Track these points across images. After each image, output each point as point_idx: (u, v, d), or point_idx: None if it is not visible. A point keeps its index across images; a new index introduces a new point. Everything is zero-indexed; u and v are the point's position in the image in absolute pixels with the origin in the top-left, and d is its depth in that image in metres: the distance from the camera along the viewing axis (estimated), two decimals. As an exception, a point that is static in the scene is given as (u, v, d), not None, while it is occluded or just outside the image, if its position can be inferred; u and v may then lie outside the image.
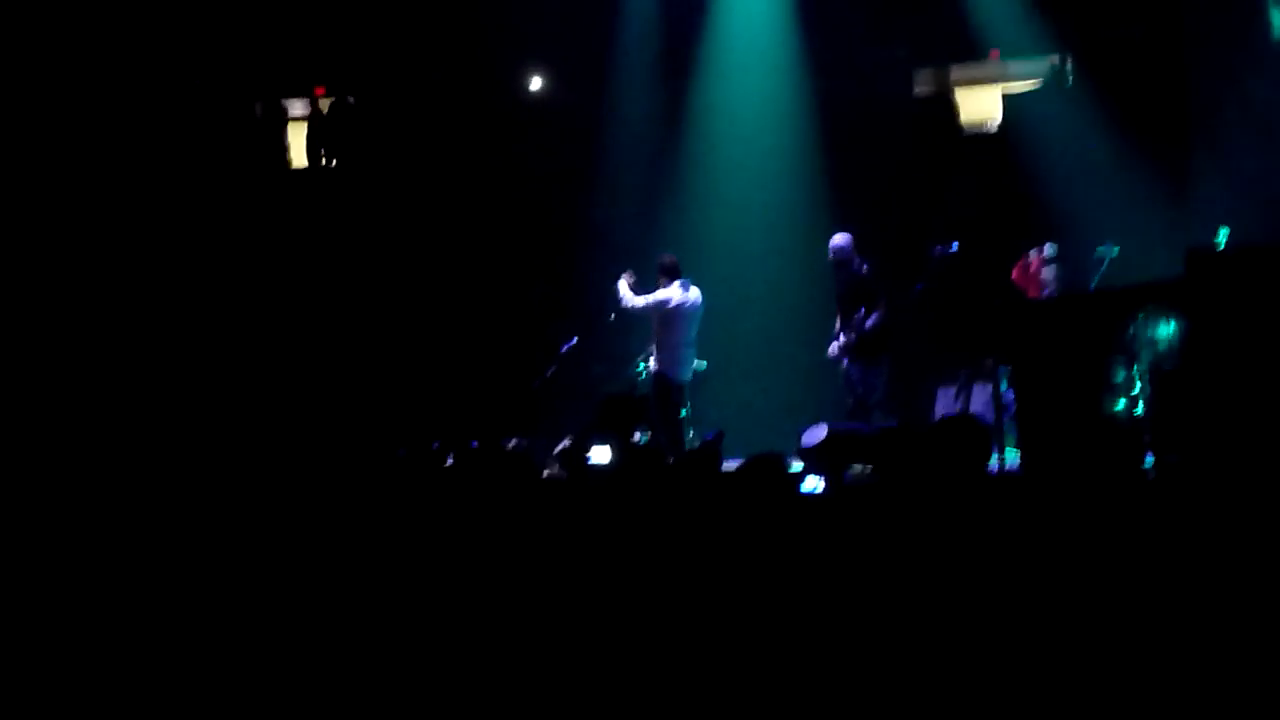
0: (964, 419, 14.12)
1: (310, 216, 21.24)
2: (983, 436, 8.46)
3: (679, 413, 15.83)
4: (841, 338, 15.06)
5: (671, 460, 12.44)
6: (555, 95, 22.09)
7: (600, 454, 12.04)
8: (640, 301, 15.86)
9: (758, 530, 5.73)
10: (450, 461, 11.24)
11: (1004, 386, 13.03)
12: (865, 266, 15.19)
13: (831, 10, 20.15)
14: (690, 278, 16.25)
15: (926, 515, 5.79)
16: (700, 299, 16.19)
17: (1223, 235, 14.55)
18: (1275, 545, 7.24)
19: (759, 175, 20.15)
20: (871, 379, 14.98)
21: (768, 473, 6.00)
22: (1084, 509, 5.31)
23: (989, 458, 13.05)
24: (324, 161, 22.34)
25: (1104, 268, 15.12)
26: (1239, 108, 17.04)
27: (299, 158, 22.34)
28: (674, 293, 15.76)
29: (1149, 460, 9.89)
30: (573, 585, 5.77)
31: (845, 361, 15.07)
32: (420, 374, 20.08)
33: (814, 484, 13.74)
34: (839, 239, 15.35)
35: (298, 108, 22.45)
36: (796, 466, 13.73)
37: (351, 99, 22.33)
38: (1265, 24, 16.95)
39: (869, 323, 14.82)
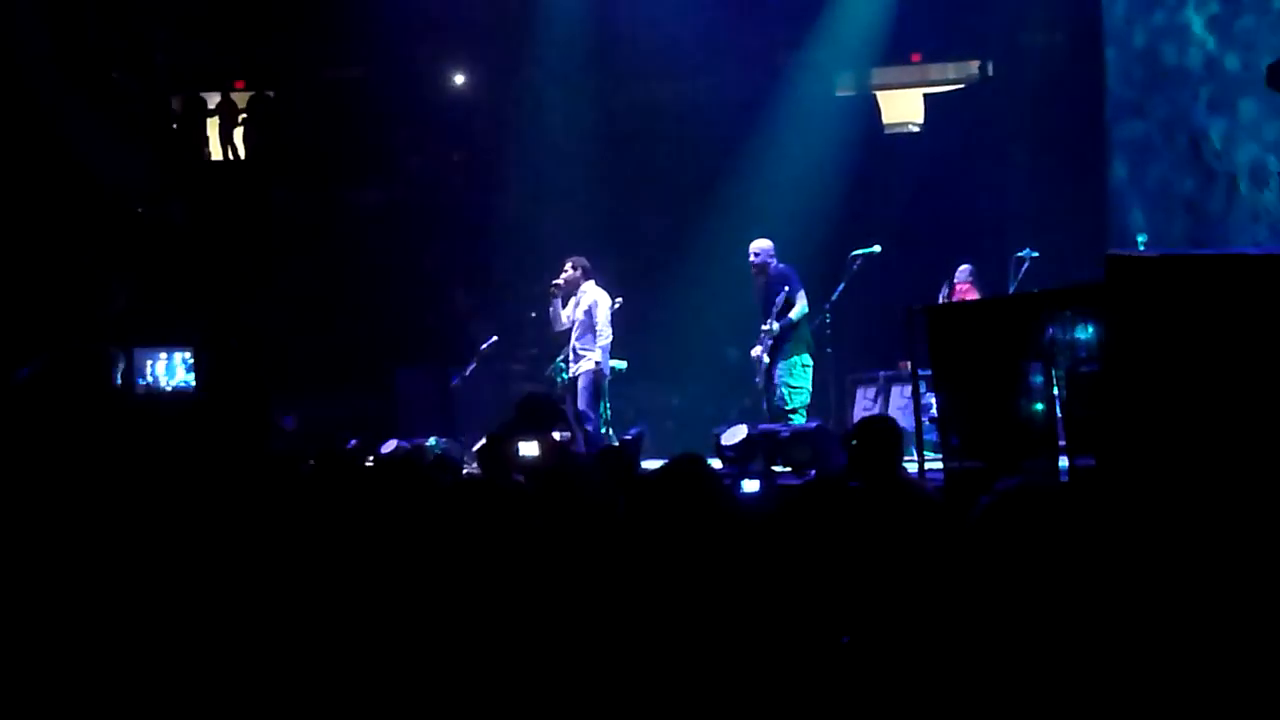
0: (880, 419, 14.20)
1: (227, 209, 21.14)
2: (897, 437, 8.48)
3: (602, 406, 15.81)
4: (765, 338, 15.04)
5: (590, 455, 12.45)
6: (473, 90, 22.06)
7: (525, 449, 11.99)
8: (604, 319, 15.74)
9: (687, 529, 5.68)
10: (370, 461, 11.19)
11: (923, 389, 13.05)
12: (783, 265, 15.17)
13: (754, 10, 20.17)
14: (607, 276, 16.21)
15: (847, 516, 5.77)
16: None
17: (1140, 241, 14.66)
18: (1187, 548, 7.28)
19: (680, 174, 20.16)
20: (791, 377, 14.94)
21: (692, 472, 5.96)
22: (1001, 510, 5.28)
23: (901, 458, 13.13)
24: (240, 155, 22.27)
25: (1023, 271, 15.20)
26: (1152, 116, 17.17)
27: (216, 150, 22.26)
28: (604, 293, 15.73)
29: (1064, 463, 9.92)
30: (492, 584, 5.72)
31: (766, 360, 15.03)
32: (336, 372, 19.99)
33: (752, 486, 13.76)
34: (759, 242, 15.33)
35: (215, 101, 22.37)
36: (716, 465, 13.72)
37: (270, 93, 22.26)
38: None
39: (791, 315, 14.80)
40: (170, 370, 18.56)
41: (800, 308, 14.90)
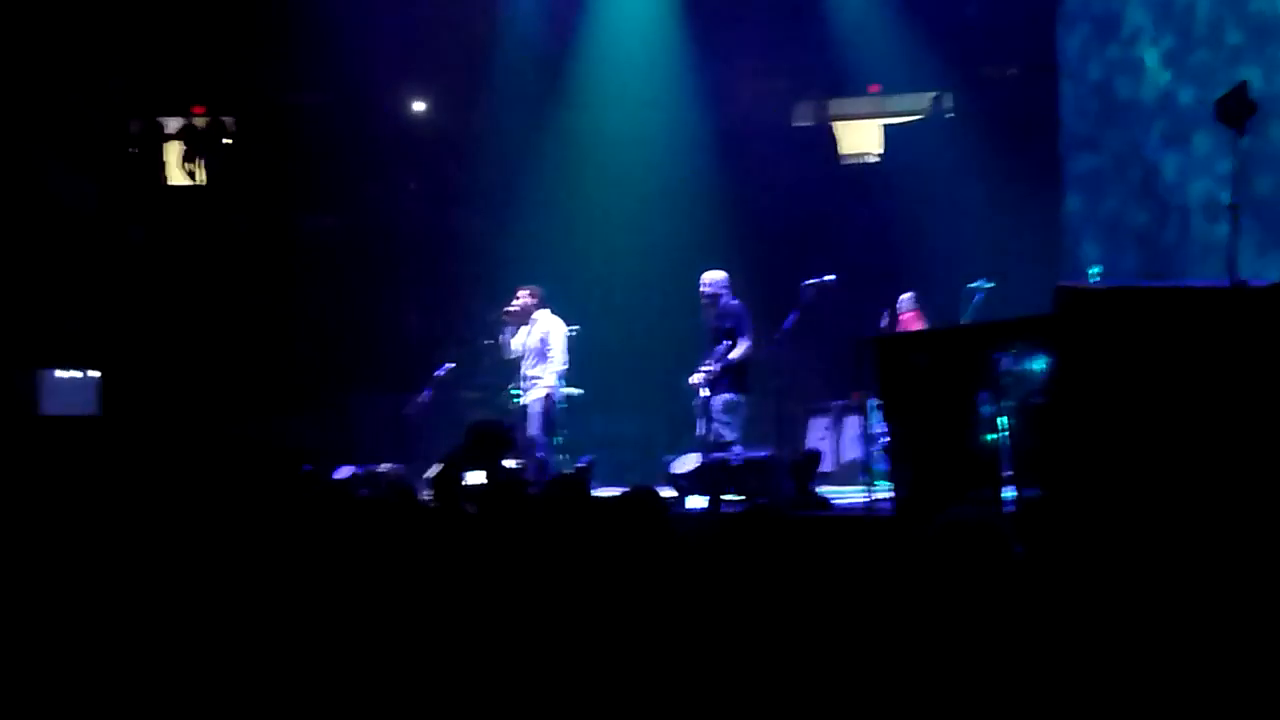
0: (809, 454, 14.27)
1: (185, 233, 21.11)
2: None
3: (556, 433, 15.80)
4: (705, 368, 14.98)
5: (540, 484, 12.44)
6: (431, 118, 22.07)
7: (475, 477, 12.01)
8: (559, 347, 15.72)
9: (635, 557, 5.70)
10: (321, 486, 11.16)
11: (874, 419, 13.08)
12: (735, 302, 15.12)
13: (713, 40, 20.23)
14: (562, 304, 16.19)
15: (785, 544, 5.79)
16: None
17: (1094, 273, 14.69)
18: (1134, 575, 7.31)
19: (636, 203, 20.18)
20: (727, 414, 14.84)
21: (644, 503, 5.98)
22: (948, 542, 5.31)
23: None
24: (199, 179, 22.22)
25: (975, 303, 15.23)
26: (1106, 150, 17.24)
27: (175, 175, 22.21)
28: (558, 320, 15.73)
29: (1011, 494, 9.95)
30: (448, 611, 5.73)
31: (705, 392, 14.91)
32: (291, 397, 19.96)
33: (700, 502, 13.78)
34: (712, 274, 15.25)
35: (174, 125, 22.31)
36: (669, 493, 13.74)
37: (228, 119, 22.22)
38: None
39: (732, 355, 14.74)
40: (76, 393, 18.49)
41: (743, 349, 14.78)
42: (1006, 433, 10.19)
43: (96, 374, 18.33)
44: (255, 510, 7.41)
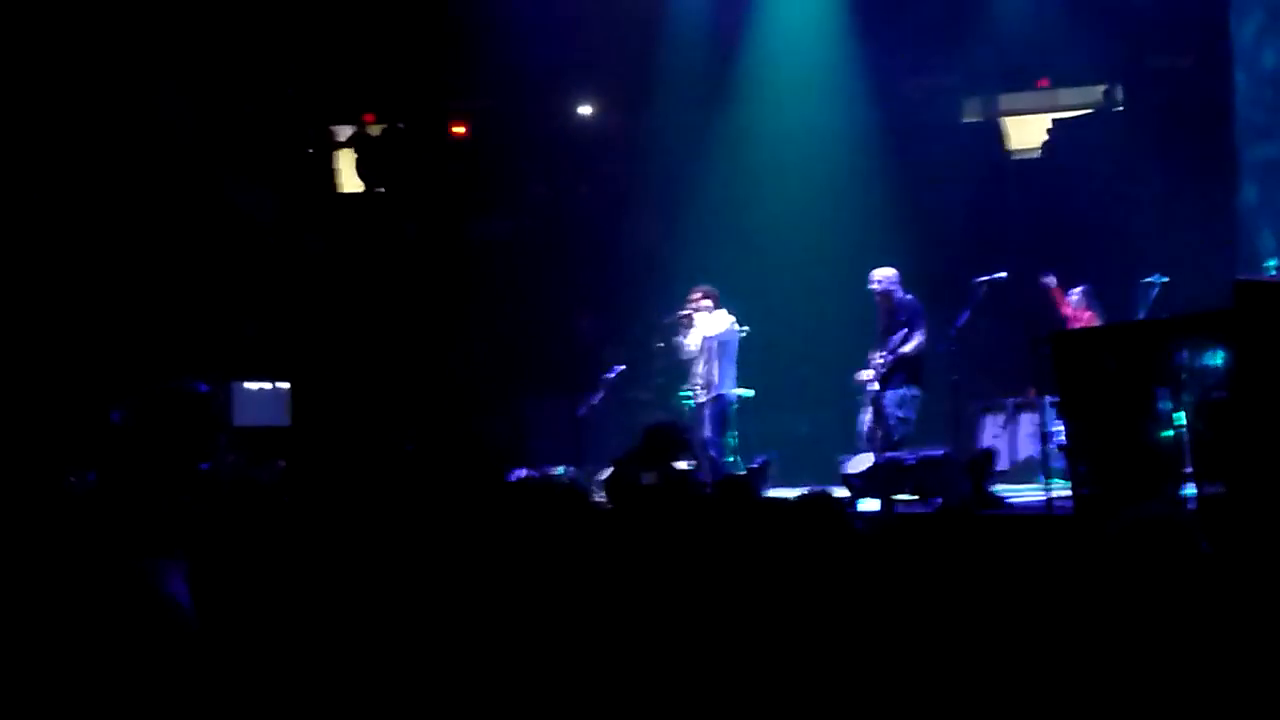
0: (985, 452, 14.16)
1: (359, 241, 21.39)
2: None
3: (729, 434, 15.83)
4: (876, 363, 14.97)
5: (712, 485, 12.46)
6: (599, 120, 22.18)
7: (650, 479, 12.03)
8: (732, 348, 15.76)
9: (808, 561, 5.71)
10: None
11: (1049, 416, 12.98)
12: (909, 297, 15.10)
13: (879, 38, 20.15)
14: (734, 304, 16.21)
15: (969, 545, 5.78)
16: None
17: (1270, 265, 14.48)
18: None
19: (805, 201, 20.14)
20: (901, 409, 14.84)
21: (821, 507, 5.99)
22: (1133, 540, 5.27)
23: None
24: (375, 186, 22.47)
25: (1152, 297, 15.05)
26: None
27: (349, 183, 22.49)
28: (732, 321, 15.75)
29: (1192, 490, 9.86)
30: (613, 613, 5.77)
31: (876, 387, 14.90)
32: (465, 401, 20.16)
33: (872, 505, 13.74)
34: (883, 271, 15.25)
35: (346, 133, 22.60)
36: (842, 494, 13.71)
37: (401, 125, 22.45)
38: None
39: (905, 348, 14.73)
40: (267, 403, 18.81)
41: (917, 342, 14.80)
42: (1186, 428, 10.10)
43: (285, 385, 18.61)
44: (454, 515, 7.50)
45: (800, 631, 5.30)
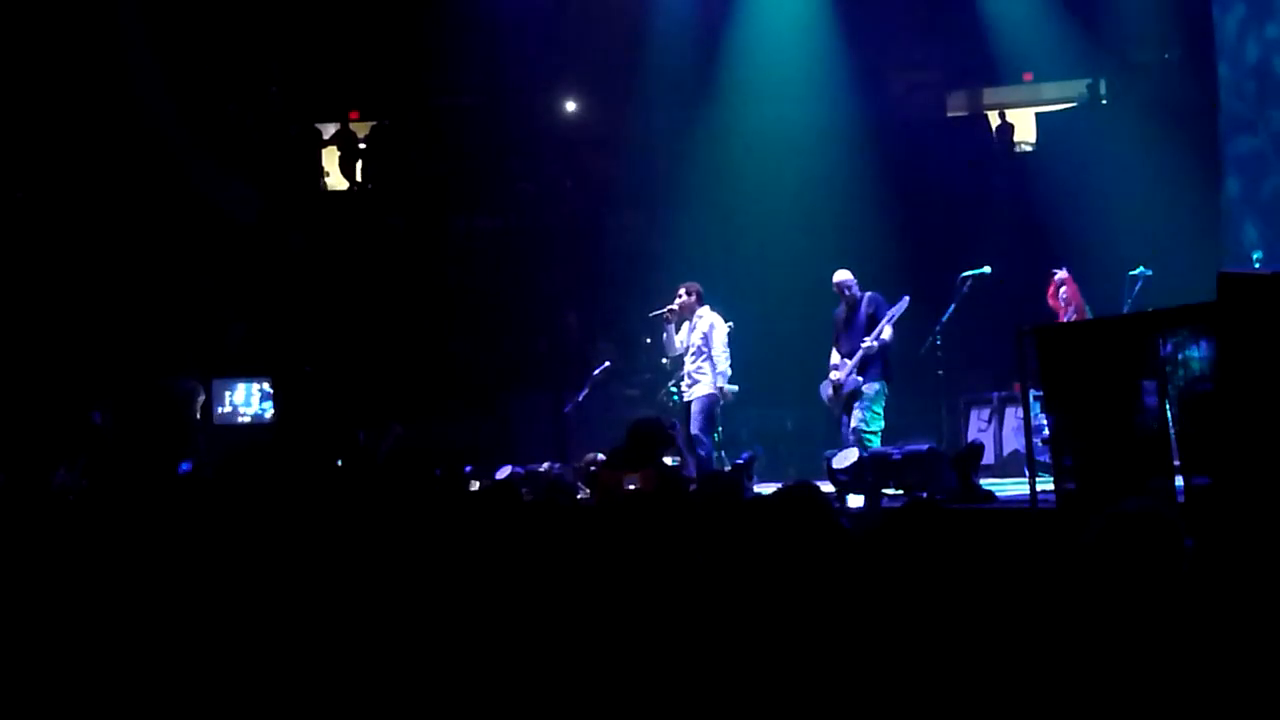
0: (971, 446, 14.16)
1: (343, 238, 21.39)
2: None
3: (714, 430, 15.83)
4: (843, 364, 14.99)
5: (698, 481, 12.46)
6: (585, 117, 22.19)
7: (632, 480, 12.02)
8: (721, 344, 15.76)
9: (797, 555, 5.70)
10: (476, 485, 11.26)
11: (1035, 410, 12.98)
12: (874, 295, 15.12)
13: (863, 34, 20.17)
14: (719, 300, 16.21)
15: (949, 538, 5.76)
16: None
17: (1257, 258, 14.51)
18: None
19: (789, 197, 20.16)
20: (876, 404, 14.86)
21: (805, 499, 5.96)
22: (1117, 534, 5.26)
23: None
24: (360, 184, 22.48)
25: (1137, 290, 15.06)
26: (1265, 131, 17.01)
27: (332, 180, 22.51)
28: (719, 318, 15.74)
29: (1179, 483, 9.86)
30: (596, 611, 5.76)
31: (859, 379, 14.90)
32: (450, 397, 20.17)
33: (857, 501, 13.74)
34: (841, 273, 15.32)
35: (330, 131, 22.61)
36: (828, 488, 13.71)
37: (386, 122, 22.46)
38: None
39: (881, 337, 14.75)
40: (247, 400, 18.90)
41: (888, 332, 14.83)
42: (1171, 421, 10.11)
43: (267, 382, 18.65)
44: (416, 511, 7.49)
45: (786, 629, 5.29)
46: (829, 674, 5.08)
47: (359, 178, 22.49)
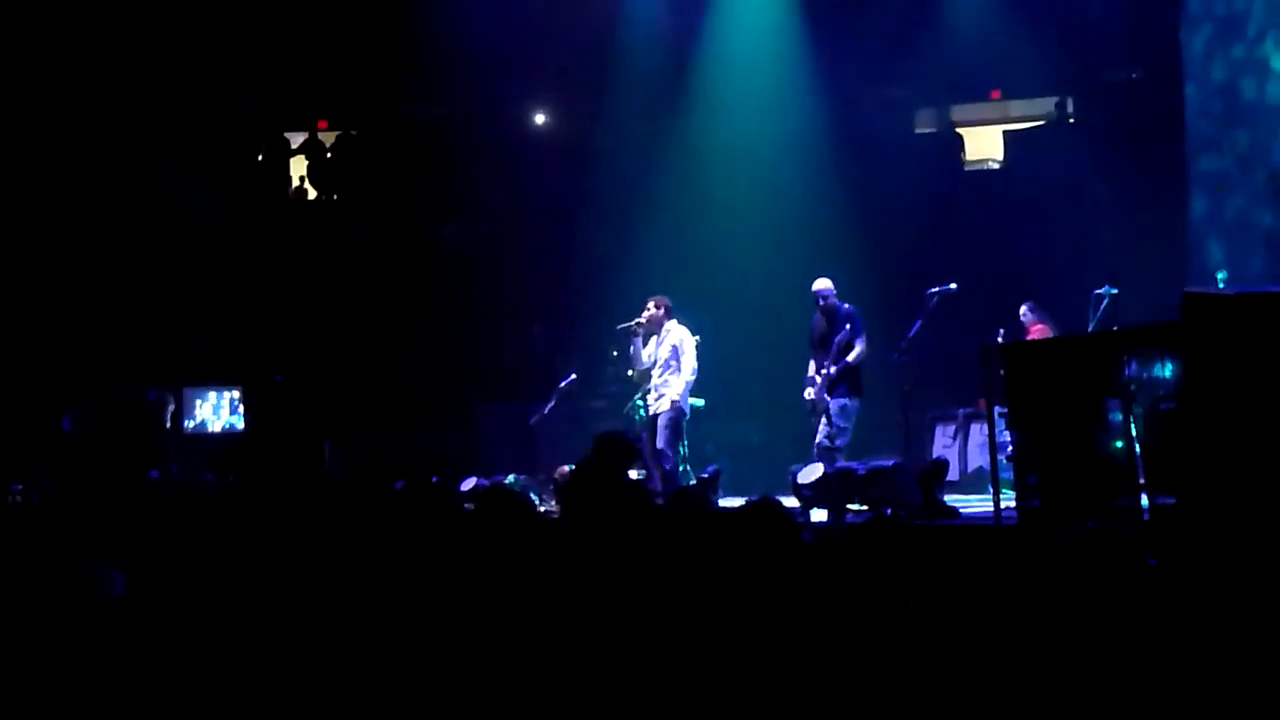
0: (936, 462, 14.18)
1: (311, 247, 21.36)
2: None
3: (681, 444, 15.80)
4: (819, 377, 14.99)
5: (664, 495, 12.45)
6: (553, 128, 22.20)
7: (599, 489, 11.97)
8: (690, 357, 15.73)
9: (761, 569, 5.71)
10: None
11: (1000, 427, 13.01)
12: (851, 309, 15.11)
13: (833, 48, 20.19)
14: (687, 314, 16.19)
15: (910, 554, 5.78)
16: None
17: (1221, 278, 14.55)
18: (1271, 585, 7.25)
19: (758, 211, 20.17)
20: (845, 419, 14.86)
21: (769, 514, 5.98)
22: (1078, 552, 5.28)
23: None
24: (328, 194, 22.45)
25: (1102, 309, 15.09)
26: (1231, 151, 17.08)
27: (300, 189, 22.46)
28: (687, 331, 15.73)
29: (1144, 501, 9.89)
30: (564, 622, 5.77)
31: (827, 397, 14.90)
32: (416, 408, 20.15)
33: (820, 515, 13.75)
34: (822, 280, 15.28)
35: (299, 140, 22.57)
36: (792, 503, 13.71)
37: (354, 132, 22.44)
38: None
39: (849, 355, 14.75)
40: (217, 410, 18.88)
41: (859, 351, 14.83)
42: (1135, 439, 10.14)
43: (236, 391, 18.62)
44: (373, 522, 7.49)
45: (747, 640, 5.30)
46: (789, 684, 5.09)
47: (325, 187, 22.47)
